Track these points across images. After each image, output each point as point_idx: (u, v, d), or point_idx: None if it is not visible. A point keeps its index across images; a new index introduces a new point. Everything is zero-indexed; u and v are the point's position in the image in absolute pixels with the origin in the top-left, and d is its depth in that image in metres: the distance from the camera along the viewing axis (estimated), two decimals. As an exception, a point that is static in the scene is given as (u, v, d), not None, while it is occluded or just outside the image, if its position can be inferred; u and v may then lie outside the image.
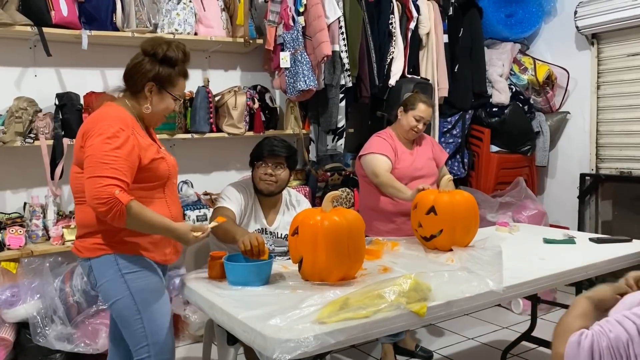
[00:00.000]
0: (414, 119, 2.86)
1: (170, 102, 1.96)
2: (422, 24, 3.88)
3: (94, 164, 1.72)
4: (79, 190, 1.85)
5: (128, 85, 1.93)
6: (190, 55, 1.98)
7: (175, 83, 1.94)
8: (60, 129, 2.93)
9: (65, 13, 2.89)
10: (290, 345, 1.43)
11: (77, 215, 1.92)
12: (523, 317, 3.64)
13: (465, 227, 2.36)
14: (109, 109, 1.87)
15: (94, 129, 1.77)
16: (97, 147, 1.74)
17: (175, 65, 1.91)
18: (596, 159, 4.26)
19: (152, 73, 1.88)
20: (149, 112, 1.92)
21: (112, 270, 1.84)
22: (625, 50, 4.04)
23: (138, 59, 1.91)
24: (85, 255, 1.88)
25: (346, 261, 1.91)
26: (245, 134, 3.48)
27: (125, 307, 1.85)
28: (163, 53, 1.89)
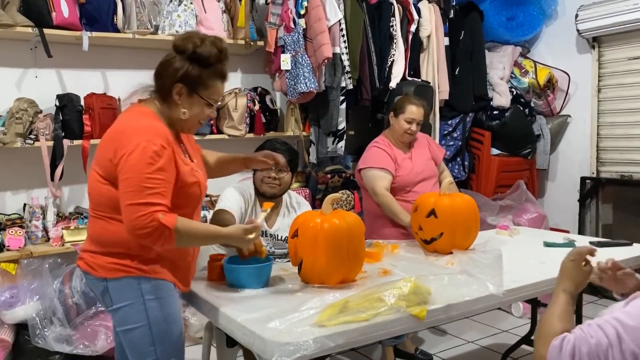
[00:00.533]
0: (405, 122, 2.83)
1: (204, 108, 1.71)
2: (423, 26, 3.88)
3: (135, 189, 1.54)
4: (101, 204, 1.66)
5: (157, 86, 1.72)
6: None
7: (209, 85, 1.68)
8: (60, 130, 2.93)
9: (66, 14, 2.89)
10: (289, 349, 1.42)
11: (94, 230, 1.70)
12: (523, 321, 3.63)
13: (466, 230, 2.35)
14: (144, 118, 1.66)
15: (130, 143, 1.56)
16: (138, 168, 1.54)
17: (208, 64, 1.66)
18: (597, 163, 4.25)
19: (181, 73, 1.64)
20: (185, 118, 1.69)
21: (134, 295, 1.65)
22: (626, 54, 4.04)
23: (168, 57, 1.68)
24: (101, 275, 1.67)
25: (346, 264, 1.91)
26: (245, 135, 3.48)
27: (140, 336, 1.66)
28: (193, 49, 1.64)
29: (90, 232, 1.73)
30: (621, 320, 1.15)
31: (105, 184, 1.63)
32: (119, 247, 1.65)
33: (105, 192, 1.63)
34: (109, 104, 3.08)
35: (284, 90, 3.52)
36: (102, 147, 1.66)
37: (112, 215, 1.64)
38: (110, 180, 1.62)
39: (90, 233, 1.73)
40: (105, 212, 1.65)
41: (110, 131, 1.68)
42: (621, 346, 1.12)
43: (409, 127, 2.83)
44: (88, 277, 1.72)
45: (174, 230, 1.56)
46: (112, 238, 1.65)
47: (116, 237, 1.64)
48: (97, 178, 1.65)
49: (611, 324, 1.15)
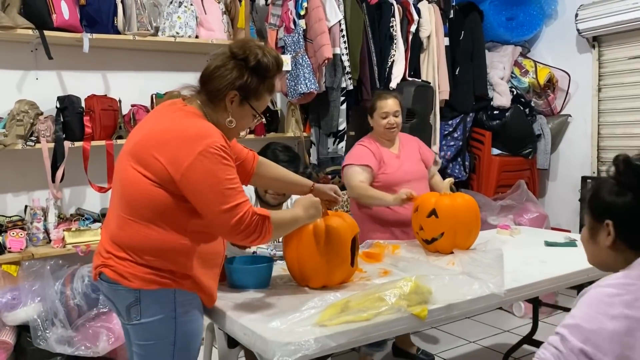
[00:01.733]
0: (380, 118, 2.78)
1: (250, 118, 1.68)
2: (423, 27, 3.88)
3: (221, 194, 1.50)
4: (145, 207, 1.55)
5: (205, 89, 1.64)
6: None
7: (261, 97, 1.65)
8: (61, 132, 2.93)
9: (67, 16, 2.89)
10: (290, 348, 1.42)
11: (129, 235, 1.57)
12: (524, 321, 3.63)
13: (467, 230, 2.35)
14: (196, 119, 1.59)
15: (194, 149, 1.49)
16: (215, 172, 1.50)
17: (266, 76, 1.63)
18: (597, 162, 4.25)
19: (240, 82, 1.59)
20: (232, 126, 1.65)
21: (168, 309, 1.58)
22: (626, 53, 4.04)
23: (223, 61, 1.62)
24: (134, 286, 1.56)
25: (324, 266, 1.86)
26: (246, 137, 3.47)
27: (161, 351, 1.60)
28: (256, 60, 1.60)
29: (121, 237, 1.59)
30: (565, 324, 1.16)
31: (157, 187, 1.53)
32: (156, 256, 1.56)
33: (156, 195, 1.54)
34: (109, 105, 3.09)
35: (284, 91, 3.52)
36: (150, 146, 1.55)
37: (156, 220, 1.55)
38: (164, 184, 1.53)
39: (121, 238, 1.59)
40: (147, 217, 1.55)
41: (158, 132, 1.57)
42: (567, 347, 1.12)
43: (386, 121, 2.78)
44: (115, 287, 1.59)
45: (271, 220, 1.57)
46: (151, 245, 1.56)
47: (156, 245, 1.56)
48: (144, 179, 1.54)
49: (558, 332, 1.16)
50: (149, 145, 1.56)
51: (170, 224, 1.57)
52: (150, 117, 1.71)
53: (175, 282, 1.58)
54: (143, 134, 1.61)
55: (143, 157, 1.55)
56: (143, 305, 1.57)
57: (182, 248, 1.59)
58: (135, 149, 1.58)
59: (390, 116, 2.77)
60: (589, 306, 1.16)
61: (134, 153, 1.58)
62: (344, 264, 1.90)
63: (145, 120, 1.71)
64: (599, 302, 1.15)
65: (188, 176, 1.50)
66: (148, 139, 1.57)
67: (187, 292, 1.61)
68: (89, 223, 2.98)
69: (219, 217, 1.52)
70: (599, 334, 1.11)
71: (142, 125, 1.68)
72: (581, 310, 1.17)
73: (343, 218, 1.95)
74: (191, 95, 1.68)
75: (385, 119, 2.77)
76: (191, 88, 1.69)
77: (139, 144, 1.59)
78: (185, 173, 1.50)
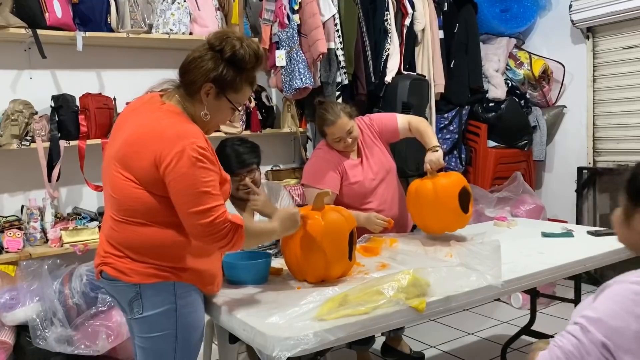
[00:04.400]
0: (335, 142, 2.55)
1: (227, 111, 1.66)
2: (418, 20, 3.88)
3: (195, 196, 1.49)
4: (135, 209, 1.57)
5: (183, 81, 1.63)
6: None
7: (239, 89, 1.63)
8: (56, 131, 2.92)
9: (60, 15, 2.88)
10: (289, 343, 1.43)
11: (125, 236, 1.60)
12: (523, 312, 3.64)
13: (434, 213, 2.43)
14: (177, 119, 1.57)
15: (173, 150, 1.49)
16: (192, 174, 1.49)
17: (243, 69, 1.61)
18: (593, 153, 4.26)
19: (214, 73, 1.58)
20: (208, 119, 1.63)
21: (169, 301, 1.60)
22: (620, 43, 4.04)
23: (200, 52, 1.61)
24: (134, 280, 1.59)
25: (321, 261, 1.85)
26: (242, 133, 3.48)
27: (164, 343, 1.62)
28: (232, 51, 1.57)
29: (117, 237, 1.62)
30: (586, 315, 1.12)
31: (140, 189, 1.55)
32: (154, 253, 1.58)
33: (140, 197, 1.56)
34: (104, 103, 3.08)
35: (279, 86, 3.52)
36: (132, 150, 1.56)
37: (148, 220, 1.57)
38: (147, 186, 1.55)
39: (117, 238, 1.62)
40: (139, 218, 1.57)
41: (139, 134, 1.57)
42: (588, 338, 1.09)
43: (342, 144, 2.54)
44: (116, 284, 1.62)
45: (244, 229, 1.56)
46: (147, 243, 1.58)
47: (152, 243, 1.58)
48: (128, 183, 1.56)
49: (577, 322, 1.13)
50: (132, 151, 1.56)
51: (163, 222, 1.58)
52: (128, 117, 1.68)
53: (174, 274, 1.61)
54: (125, 137, 1.60)
55: (127, 162, 1.57)
56: (144, 299, 1.60)
57: (178, 243, 1.60)
58: (120, 154, 1.59)
59: (344, 136, 2.52)
60: (614, 302, 1.11)
61: (119, 158, 1.59)
62: (342, 258, 1.91)
63: (125, 120, 1.69)
64: (625, 299, 1.10)
65: (166, 176, 1.52)
66: (130, 143, 1.58)
67: (187, 284, 1.63)
68: (86, 222, 2.98)
69: (189, 219, 1.53)
70: (623, 332, 1.07)
71: (122, 126, 1.67)
72: (605, 305, 1.12)
73: (340, 212, 1.95)
74: (171, 89, 1.66)
75: (339, 142, 2.54)
76: (171, 82, 1.68)
77: (122, 149, 1.60)
78: (164, 173, 1.52)
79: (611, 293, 1.13)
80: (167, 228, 1.59)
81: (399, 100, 3.64)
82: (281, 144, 3.89)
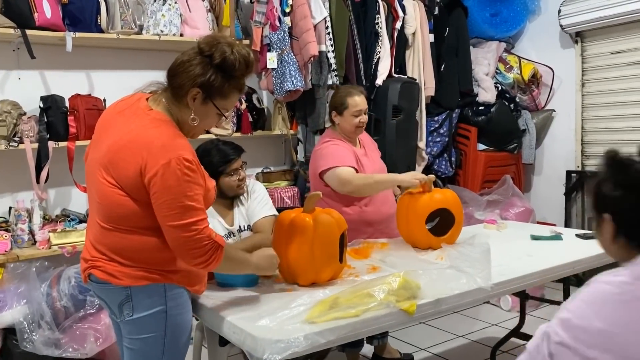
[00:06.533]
0: (353, 116, 2.60)
1: (214, 117, 1.63)
2: (408, 23, 3.89)
3: (179, 210, 1.49)
4: (121, 217, 1.55)
5: (170, 84, 1.60)
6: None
7: (227, 96, 1.60)
8: (45, 132, 2.90)
9: (49, 15, 2.86)
10: (280, 346, 1.43)
11: (113, 242, 1.59)
12: (512, 314, 3.66)
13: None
14: (165, 128, 1.55)
15: (159, 162, 1.48)
16: (177, 188, 1.48)
17: (233, 75, 1.58)
18: (582, 156, 4.30)
19: (202, 79, 1.54)
20: (195, 124, 1.60)
21: (159, 303, 1.59)
22: (609, 48, 4.08)
23: (189, 56, 1.58)
24: (124, 283, 1.58)
25: (312, 263, 1.86)
26: (232, 135, 3.47)
27: (152, 345, 1.61)
28: (222, 58, 1.55)
29: (106, 243, 1.60)
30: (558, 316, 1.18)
31: (125, 196, 1.54)
32: (143, 257, 1.58)
33: (126, 204, 1.54)
34: (94, 104, 3.06)
35: (270, 88, 3.51)
36: (117, 158, 1.54)
37: (135, 227, 1.57)
38: (131, 194, 1.54)
39: (106, 245, 1.60)
40: (126, 225, 1.57)
41: (125, 141, 1.54)
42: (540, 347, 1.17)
43: (359, 119, 2.61)
44: (106, 287, 1.61)
45: (223, 250, 1.55)
46: (137, 249, 1.57)
47: (141, 247, 1.57)
48: (113, 190, 1.55)
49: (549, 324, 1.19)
50: (118, 158, 1.54)
51: (151, 228, 1.57)
52: (114, 120, 1.65)
53: (164, 277, 1.60)
54: (110, 143, 1.58)
55: (112, 169, 1.55)
56: (135, 301, 1.59)
57: (168, 247, 1.59)
58: (105, 160, 1.57)
59: (362, 114, 2.63)
60: (584, 302, 1.16)
61: (104, 164, 1.57)
62: (332, 260, 1.91)
63: (109, 122, 1.66)
64: (595, 298, 1.15)
65: (150, 187, 1.51)
66: (115, 150, 1.56)
67: (177, 286, 1.63)
68: (74, 224, 2.95)
69: (171, 231, 1.52)
70: (586, 329, 1.12)
71: (107, 129, 1.63)
72: (576, 304, 1.17)
73: (331, 214, 1.95)
74: (159, 92, 1.64)
75: (358, 117, 2.61)
76: (158, 84, 1.66)
77: (107, 155, 1.57)
78: (148, 184, 1.50)
79: (584, 293, 1.18)
80: (155, 233, 1.58)
81: (390, 103, 3.65)
82: (272, 146, 3.89)
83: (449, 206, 2.37)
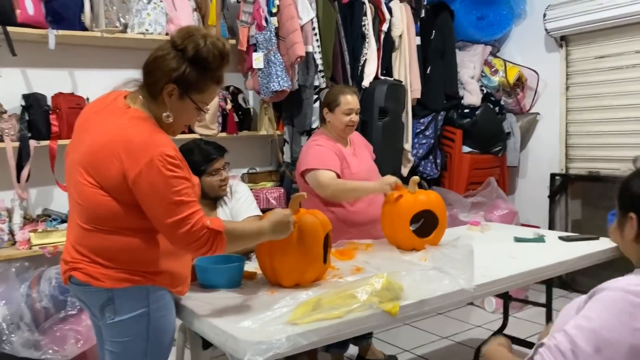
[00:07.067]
0: (343, 114, 2.64)
1: (193, 112, 1.59)
2: (395, 25, 3.90)
3: (170, 207, 1.46)
4: (104, 217, 1.52)
5: (146, 81, 1.57)
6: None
7: (204, 89, 1.56)
8: (26, 131, 2.86)
9: (31, 12, 2.82)
10: (262, 347, 1.41)
11: (95, 243, 1.55)
12: (496, 316, 3.68)
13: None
14: (144, 126, 1.52)
15: (141, 160, 1.45)
16: (164, 184, 1.45)
17: (208, 68, 1.54)
18: (566, 159, 4.34)
19: (176, 74, 1.51)
20: (170, 121, 1.57)
21: (141, 305, 1.56)
22: (593, 53, 4.13)
23: (163, 51, 1.53)
24: (106, 285, 1.54)
25: (295, 265, 1.85)
26: (218, 135, 3.45)
27: (135, 347, 1.58)
28: (195, 51, 1.50)
29: (87, 245, 1.56)
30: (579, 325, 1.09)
31: (107, 196, 1.51)
32: (126, 259, 1.54)
33: (107, 204, 1.51)
34: (77, 103, 3.02)
35: (256, 89, 3.50)
36: (98, 158, 1.51)
37: (116, 227, 1.54)
38: (114, 194, 1.51)
39: (87, 246, 1.56)
40: (107, 225, 1.53)
41: (104, 141, 1.51)
42: (578, 358, 1.07)
43: (349, 118, 2.65)
44: (87, 289, 1.57)
45: (224, 234, 1.53)
46: (118, 249, 1.54)
47: (124, 248, 1.54)
48: (95, 190, 1.51)
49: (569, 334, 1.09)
50: (98, 159, 1.51)
51: (132, 229, 1.55)
52: (92, 119, 1.61)
53: (147, 278, 1.57)
54: (89, 143, 1.55)
55: (92, 169, 1.52)
56: (117, 304, 1.56)
57: (149, 248, 1.58)
58: (84, 161, 1.54)
59: (353, 113, 2.67)
60: (611, 313, 1.07)
61: (84, 164, 1.54)
62: (316, 261, 1.90)
63: (87, 121, 1.62)
64: (622, 311, 1.07)
65: (135, 187, 1.48)
66: (95, 151, 1.52)
67: (160, 287, 1.60)
68: (56, 224, 2.91)
69: (167, 229, 1.50)
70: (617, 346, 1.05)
71: (86, 128, 1.60)
72: (600, 315, 1.08)
73: (315, 215, 1.95)
74: (135, 90, 1.60)
75: (349, 115, 2.65)
76: (135, 82, 1.61)
77: (86, 155, 1.54)
78: (133, 184, 1.47)
79: (607, 302, 1.10)
80: (137, 234, 1.55)
81: (376, 105, 3.66)
82: (258, 147, 3.87)
83: (433, 208, 2.38)
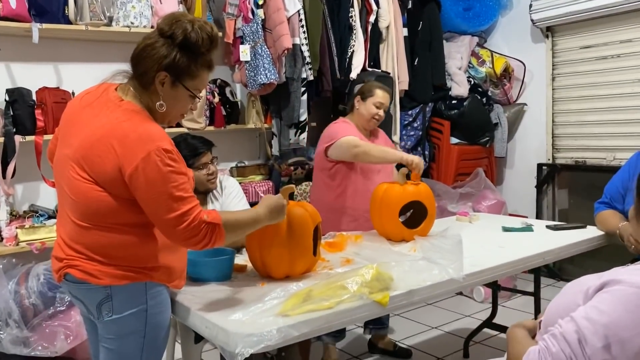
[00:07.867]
0: (374, 106, 2.72)
1: (186, 100, 1.58)
2: (382, 17, 3.90)
3: (168, 202, 1.44)
4: (98, 213, 1.50)
5: (136, 72, 1.54)
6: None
7: (195, 75, 1.54)
8: (11, 126, 2.83)
9: (14, 5, 2.78)
10: (253, 340, 1.41)
11: (90, 240, 1.52)
12: (485, 305, 3.71)
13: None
14: (139, 119, 1.50)
15: (138, 155, 1.43)
16: (162, 180, 1.44)
17: (198, 53, 1.52)
18: (552, 149, 4.37)
19: (167, 60, 1.49)
20: (163, 111, 1.56)
21: (140, 301, 1.55)
22: (578, 43, 4.15)
23: (151, 40, 1.51)
24: (104, 282, 1.52)
25: (285, 257, 1.84)
26: (205, 128, 3.43)
27: (132, 344, 1.57)
28: (183, 35, 1.49)
29: (83, 242, 1.53)
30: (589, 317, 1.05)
31: (102, 191, 1.48)
32: (124, 255, 1.53)
33: (104, 199, 1.49)
34: (62, 98, 2.99)
35: (244, 81, 3.48)
36: (92, 154, 1.48)
37: (113, 223, 1.51)
38: (109, 189, 1.48)
39: (83, 243, 1.53)
40: (103, 222, 1.51)
41: (98, 136, 1.48)
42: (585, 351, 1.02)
43: (377, 111, 2.73)
44: (84, 286, 1.54)
45: (222, 226, 1.51)
46: (115, 246, 1.52)
47: (120, 245, 1.52)
48: (90, 186, 1.49)
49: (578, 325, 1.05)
50: (92, 154, 1.48)
51: (129, 224, 1.53)
52: (82, 113, 1.57)
53: (145, 275, 1.56)
54: (82, 138, 1.51)
55: (86, 164, 1.49)
56: (115, 301, 1.54)
57: (146, 243, 1.56)
58: (77, 156, 1.51)
59: (382, 109, 2.75)
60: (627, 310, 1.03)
61: (77, 160, 1.51)
62: (306, 253, 1.90)
63: (77, 115, 1.58)
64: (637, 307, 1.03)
65: (132, 183, 1.46)
66: (89, 146, 1.49)
67: (157, 284, 1.59)
68: (43, 220, 2.89)
69: (165, 225, 1.49)
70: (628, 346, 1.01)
71: (76, 123, 1.57)
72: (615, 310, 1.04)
73: (304, 207, 1.94)
74: (125, 82, 1.58)
75: (378, 109, 2.73)
76: (124, 73, 1.58)
77: (79, 150, 1.51)
78: (129, 180, 1.45)
79: (622, 298, 1.05)
80: (133, 229, 1.54)
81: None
82: (246, 140, 3.86)
83: (422, 199, 2.39)
